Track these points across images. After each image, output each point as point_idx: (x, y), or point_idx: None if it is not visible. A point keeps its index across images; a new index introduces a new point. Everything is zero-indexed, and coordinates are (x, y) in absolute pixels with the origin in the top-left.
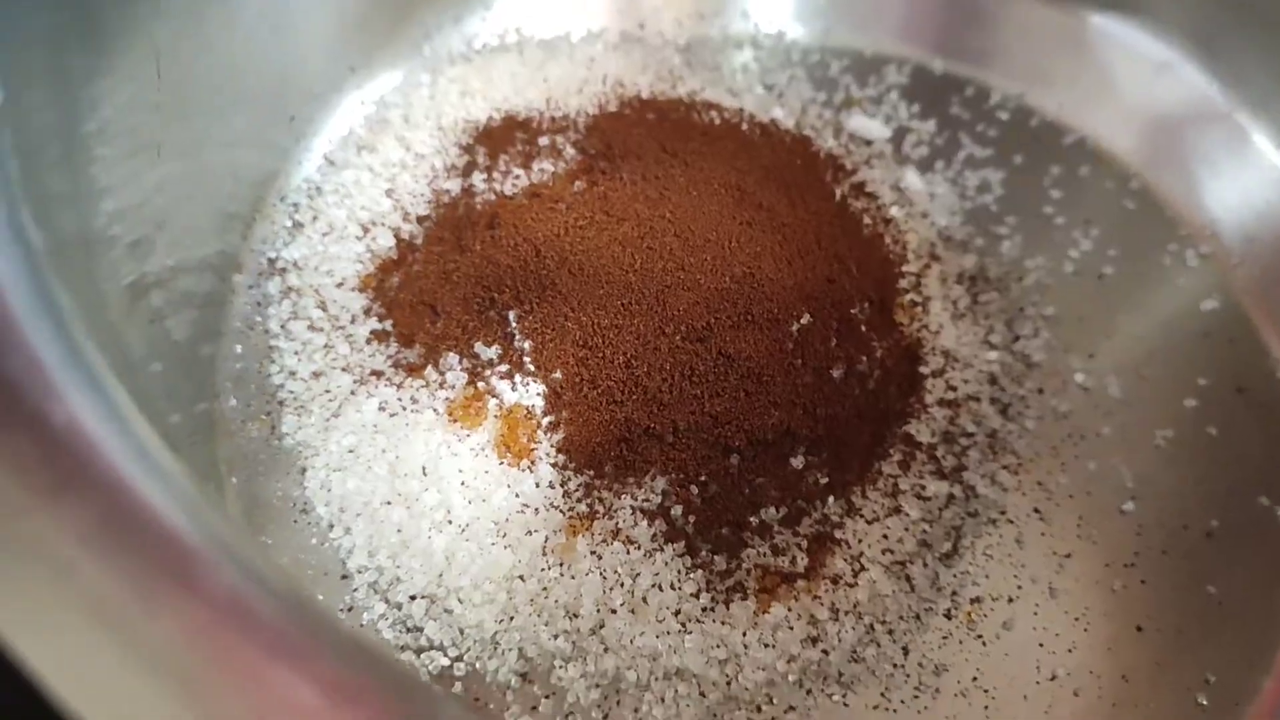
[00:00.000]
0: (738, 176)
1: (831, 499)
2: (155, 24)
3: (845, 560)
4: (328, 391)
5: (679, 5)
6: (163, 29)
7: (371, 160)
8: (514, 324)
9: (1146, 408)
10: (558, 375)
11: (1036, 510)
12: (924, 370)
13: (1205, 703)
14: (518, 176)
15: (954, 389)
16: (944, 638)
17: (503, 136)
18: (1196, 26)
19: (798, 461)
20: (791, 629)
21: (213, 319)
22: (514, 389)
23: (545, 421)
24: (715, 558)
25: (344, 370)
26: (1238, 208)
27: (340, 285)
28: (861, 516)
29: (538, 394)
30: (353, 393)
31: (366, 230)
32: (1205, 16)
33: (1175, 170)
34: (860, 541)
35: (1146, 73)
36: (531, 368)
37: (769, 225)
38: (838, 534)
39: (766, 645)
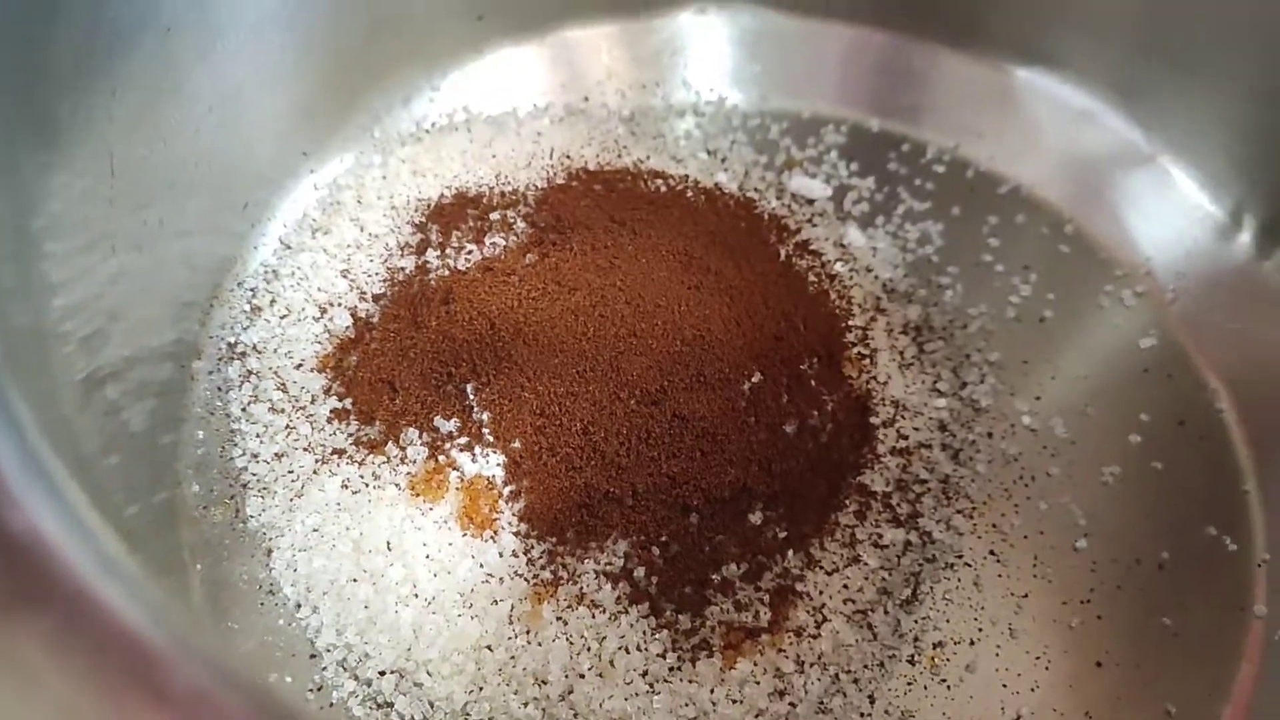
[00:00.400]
0: (684, 242)
1: (791, 552)
2: (108, 119)
3: (807, 612)
4: (291, 472)
5: (622, 77)
6: (115, 124)
7: (326, 242)
8: (472, 396)
9: (1092, 446)
10: (516, 445)
11: (992, 552)
12: (875, 420)
13: None
14: (470, 252)
15: (905, 437)
16: (909, 684)
17: (454, 213)
18: (1115, 76)
19: (756, 517)
20: (758, 683)
21: (172, 407)
22: (474, 460)
23: (506, 491)
24: (679, 617)
25: (306, 450)
26: (1168, 246)
27: (299, 366)
28: (821, 568)
29: (498, 464)
30: (315, 472)
31: (324, 311)
32: (1123, 66)
33: (1106, 214)
34: (821, 593)
35: (1071, 121)
36: (491, 439)
37: (716, 288)
38: (799, 586)
39: (734, 701)
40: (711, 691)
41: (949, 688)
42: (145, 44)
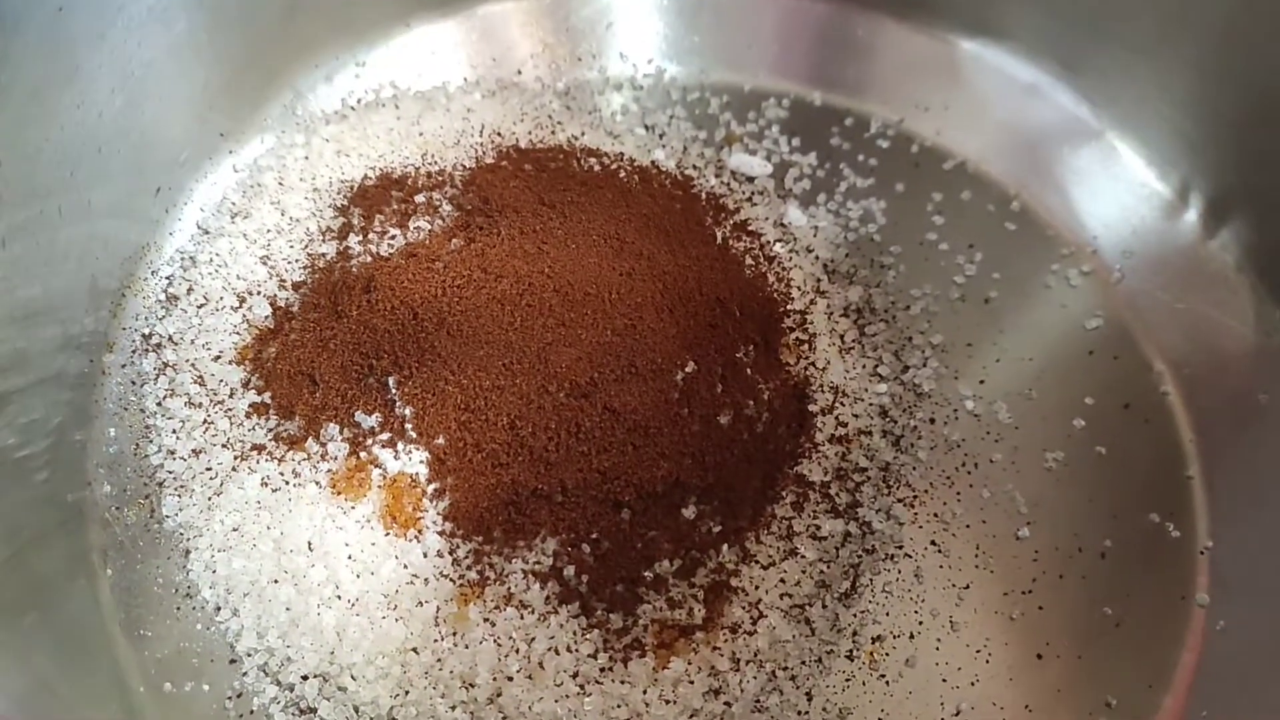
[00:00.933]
0: (617, 226)
1: (726, 547)
2: None
3: (743, 608)
4: (209, 469)
5: (556, 50)
6: (4, 112)
7: (246, 227)
8: (394, 390)
9: (1036, 431)
10: (440, 441)
11: (933, 543)
12: (813, 408)
13: None
14: (394, 236)
15: (844, 425)
16: (847, 680)
17: (378, 196)
18: (1062, 50)
19: (689, 511)
20: (692, 683)
21: (83, 402)
22: (397, 457)
23: (430, 489)
24: (611, 616)
25: (224, 446)
26: (1115, 224)
27: (218, 358)
28: (757, 562)
29: (421, 461)
30: (234, 469)
31: (243, 300)
32: (1070, 40)
33: (1053, 191)
34: (757, 588)
35: (1018, 96)
36: (414, 434)
37: (649, 274)
38: (734, 582)
39: (668, 701)
40: (644, 692)
41: (888, 683)
42: (34, 25)
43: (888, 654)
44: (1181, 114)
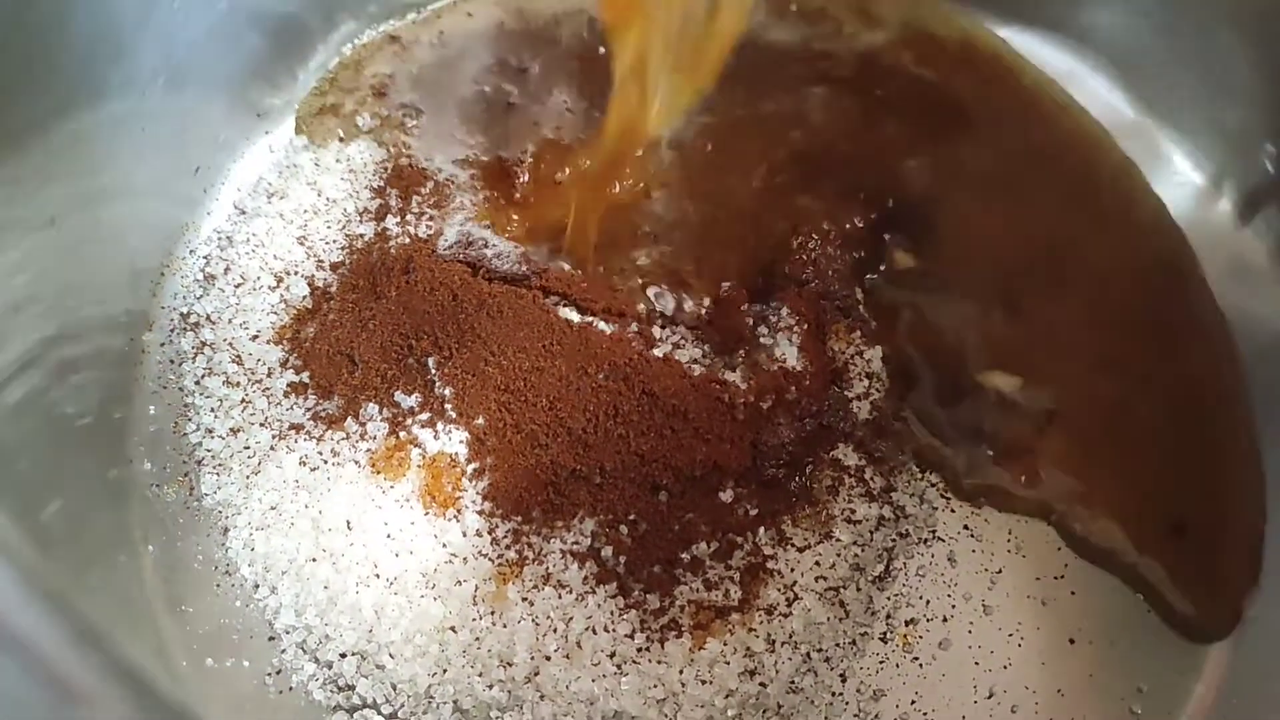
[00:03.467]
0: None
1: (762, 530)
2: (44, 89)
3: (779, 590)
4: (247, 448)
5: None
6: (52, 95)
7: (283, 207)
8: (434, 371)
9: None
10: (480, 421)
11: (966, 527)
12: (849, 394)
13: (1139, 711)
14: (431, 218)
15: (880, 410)
16: (881, 662)
17: (414, 177)
18: (1099, 37)
19: (726, 495)
20: (728, 663)
21: (123, 381)
22: (436, 437)
23: (469, 469)
24: (648, 596)
25: (262, 425)
26: None
27: (255, 338)
28: (793, 545)
29: (460, 441)
30: (272, 448)
31: (280, 280)
32: (1107, 28)
33: None
34: (793, 570)
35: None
36: (453, 415)
37: None
38: (770, 564)
39: (704, 682)
40: (680, 672)
41: (921, 665)
42: (80, 10)
43: (921, 637)
44: (1219, 101)
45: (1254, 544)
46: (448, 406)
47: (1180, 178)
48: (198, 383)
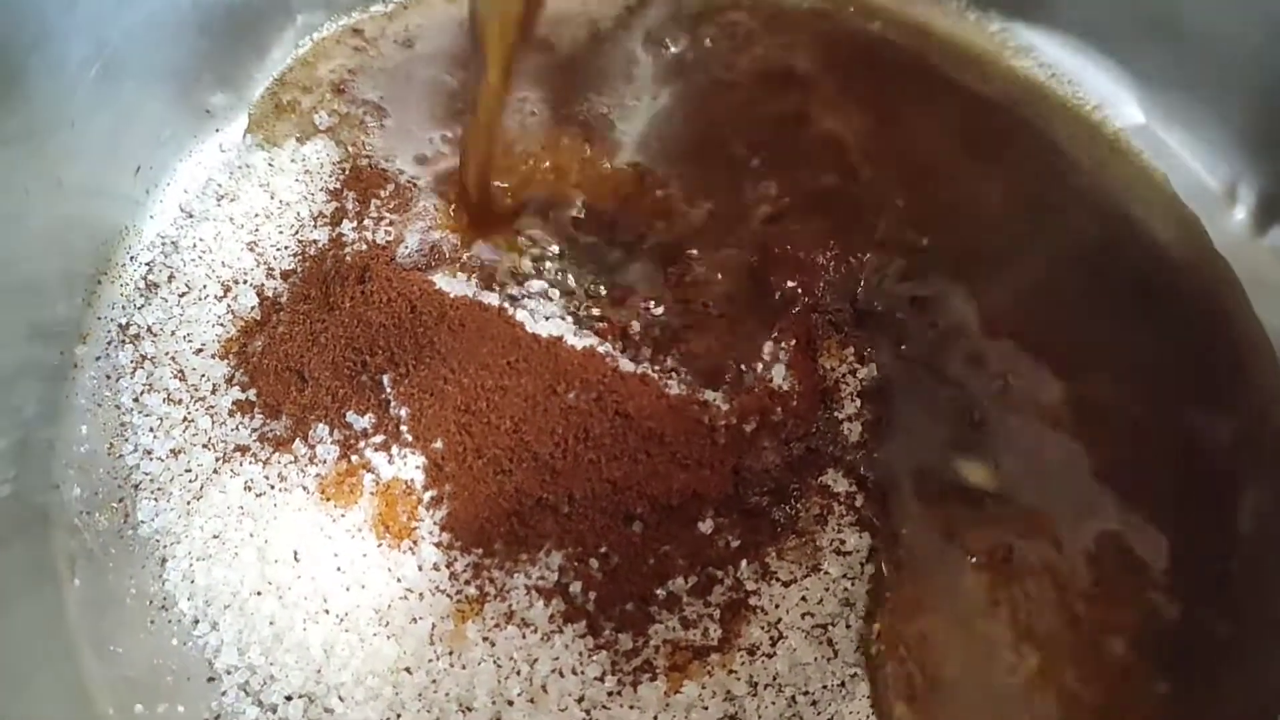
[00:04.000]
0: None
1: (744, 563)
2: None
3: (762, 628)
4: (188, 471)
5: None
6: None
7: (233, 210)
8: (389, 389)
9: None
10: (438, 445)
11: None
12: (840, 415)
13: None
14: (391, 223)
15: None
16: (873, 705)
17: (374, 179)
18: (1113, 40)
19: (706, 525)
20: (706, 708)
21: (52, 397)
22: (391, 462)
23: (426, 496)
24: (620, 636)
25: (205, 447)
26: None
27: (200, 351)
28: (777, 579)
29: (417, 466)
30: (216, 471)
31: (228, 289)
32: (1120, 30)
33: None
34: (777, 607)
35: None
36: (409, 437)
37: None
38: (752, 600)
39: None
40: (655, 718)
41: None
42: None
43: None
44: (1235, 108)
45: None
46: (403, 428)
47: (1194, 185)
48: (136, 400)
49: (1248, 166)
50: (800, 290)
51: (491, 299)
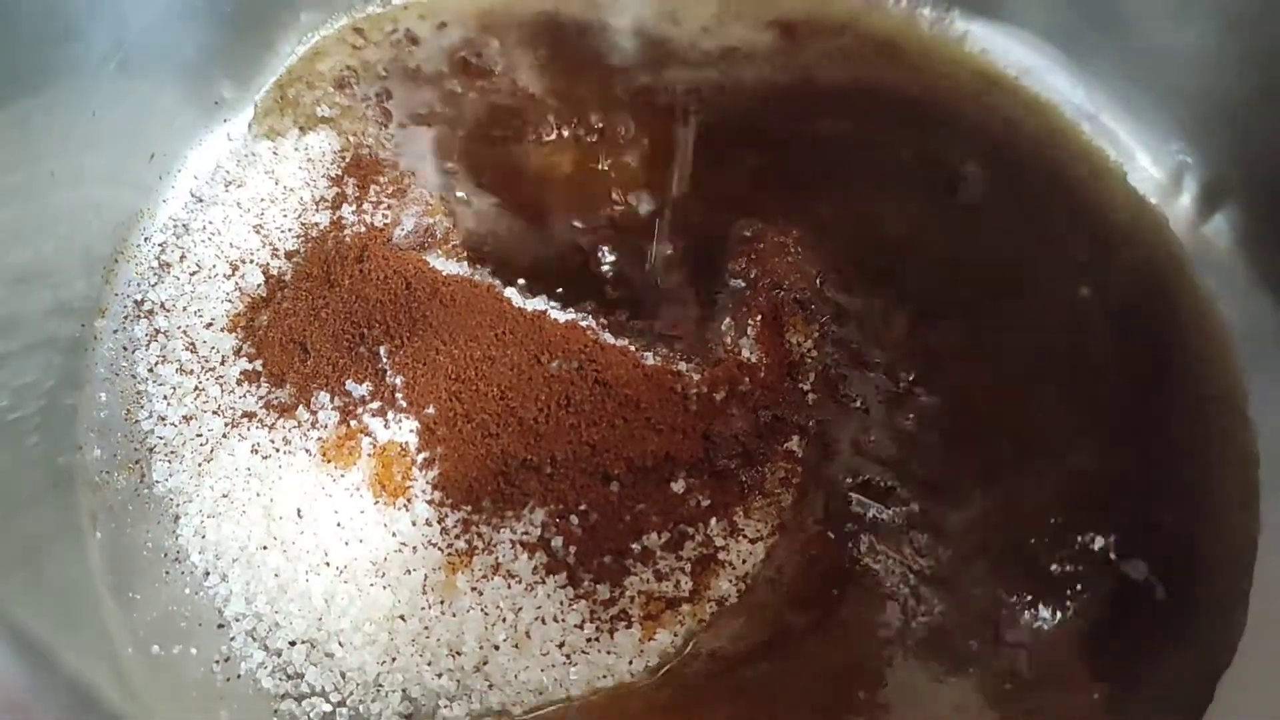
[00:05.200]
0: None
1: (714, 521)
2: None
3: (730, 581)
4: (199, 436)
5: None
6: None
7: (240, 196)
8: (385, 359)
9: None
10: (431, 411)
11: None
12: (803, 386)
13: None
14: (389, 207)
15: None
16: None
17: (372, 167)
18: (1060, 33)
19: (678, 486)
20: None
21: (74, 367)
22: (387, 426)
23: (420, 458)
24: (598, 587)
25: (215, 413)
26: None
27: (209, 326)
28: (744, 536)
29: (411, 430)
30: (224, 436)
31: (235, 268)
32: (1068, 23)
33: None
34: (744, 562)
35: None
36: (404, 404)
37: None
38: (721, 555)
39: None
40: (630, 663)
41: None
42: None
43: None
44: (1178, 97)
45: None
46: (398, 395)
47: (1141, 173)
48: (150, 370)
49: (1191, 156)
50: (761, 272)
51: (481, 276)
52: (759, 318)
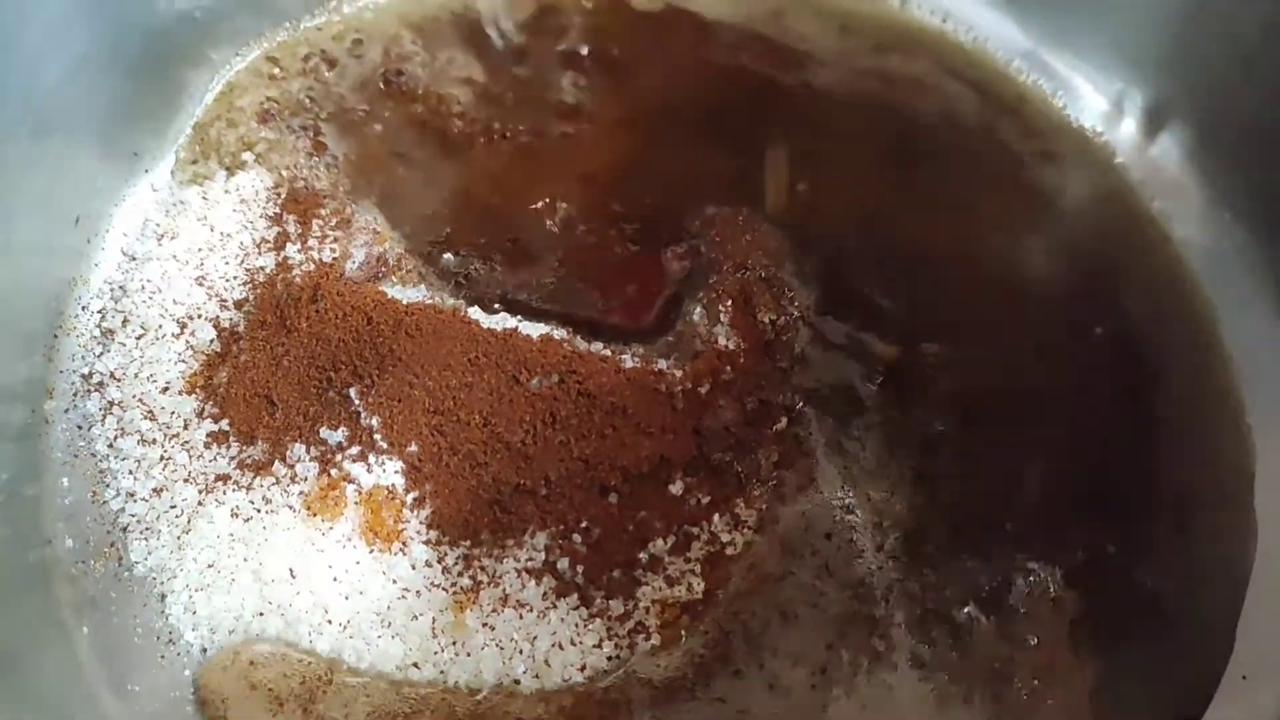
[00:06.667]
0: None
1: (717, 516)
2: None
3: (741, 574)
4: (173, 507)
5: None
6: None
7: (175, 248)
8: (357, 401)
9: None
10: (413, 448)
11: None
12: (783, 365)
13: None
14: (335, 241)
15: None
16: None
17: (311, 200)
18: None
19: (676, 487)
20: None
21: (30, 455)
22: (370, 470)
23: (409, 499)
24: (611, 603)
25: (187, 481)
26: None
27: (166, 390)
28: (748, 526)
29: (396, 471)
30: (200, 503)
31: (184, 326)
32: None
33: None
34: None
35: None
36: (384, 445)
37: None
38: (729, 550)
39: None
40: (656, 668)
41: None
42: None
43: None
44: (1115, 23)
45: None
46: (377, 437)
47: (1082, 101)
48: (110, 445)
49: (1132, 80)
50: (723, 255)
51: (441, 299)
52: (729, 302)
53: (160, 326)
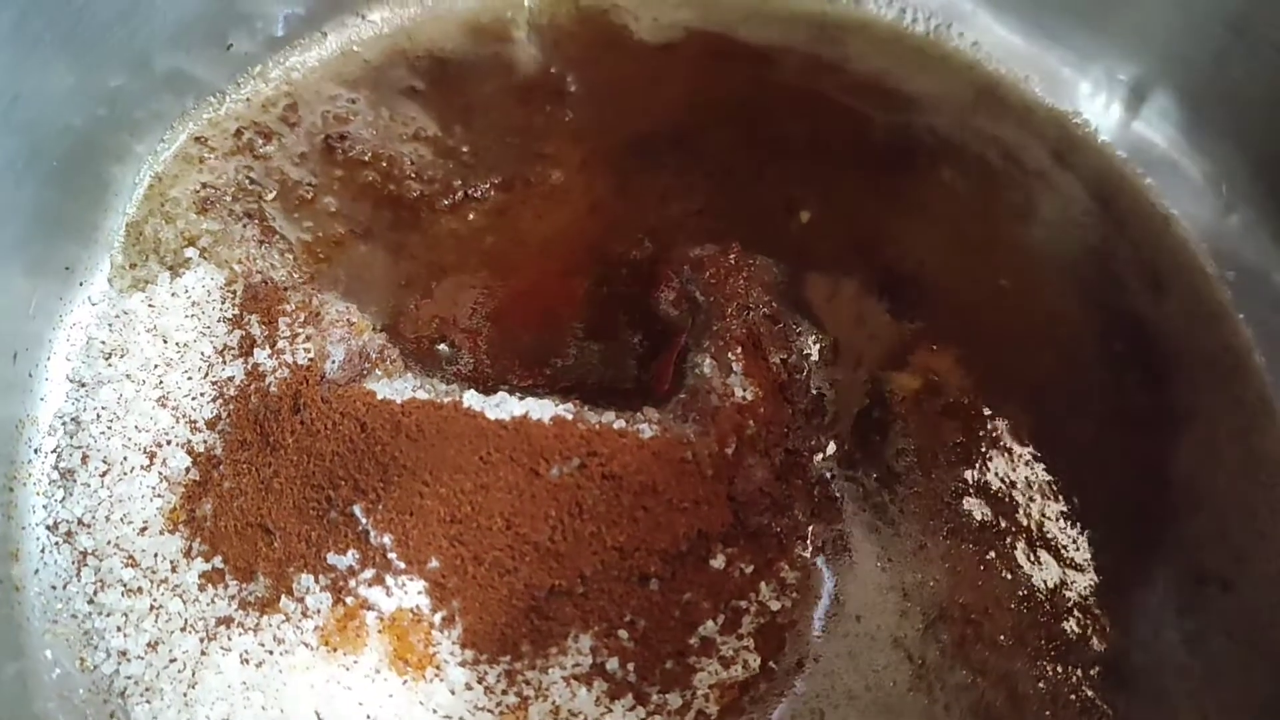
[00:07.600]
0: None
1: (763, 585)
2: None
3: (796, 642)
4: (174, 661)
5: None
6: None
7: (128, 366)
8: (364, 520)
9: None
10: (434, 564)
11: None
12: (802, 406)
13: None
14: (308, 339)
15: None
16: None
17: (272, 295)
18: None
19: (718, 561)
20: None
21: (4, 630)
22: (390, 594)
23: (437, 619)
24: (667, 697)
25: (184, 630)
26: None
27: (144, 531)
28: (795, 590)
29: (419, 591)
30: (204, 653)
31: (152, 456)
32: None
33: None
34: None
35: None
36: (401, 564)
37: None
38: (780, 619)
39: None
40: None
41: None
42: None
43: None
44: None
45: None
46: (392, 556)
47: (1066, 85)
48: (91, 602)
49: (1116, 60)
50: (723, 297)
51: (430, 389)
52: (739, 349)
53: (125, 459)
